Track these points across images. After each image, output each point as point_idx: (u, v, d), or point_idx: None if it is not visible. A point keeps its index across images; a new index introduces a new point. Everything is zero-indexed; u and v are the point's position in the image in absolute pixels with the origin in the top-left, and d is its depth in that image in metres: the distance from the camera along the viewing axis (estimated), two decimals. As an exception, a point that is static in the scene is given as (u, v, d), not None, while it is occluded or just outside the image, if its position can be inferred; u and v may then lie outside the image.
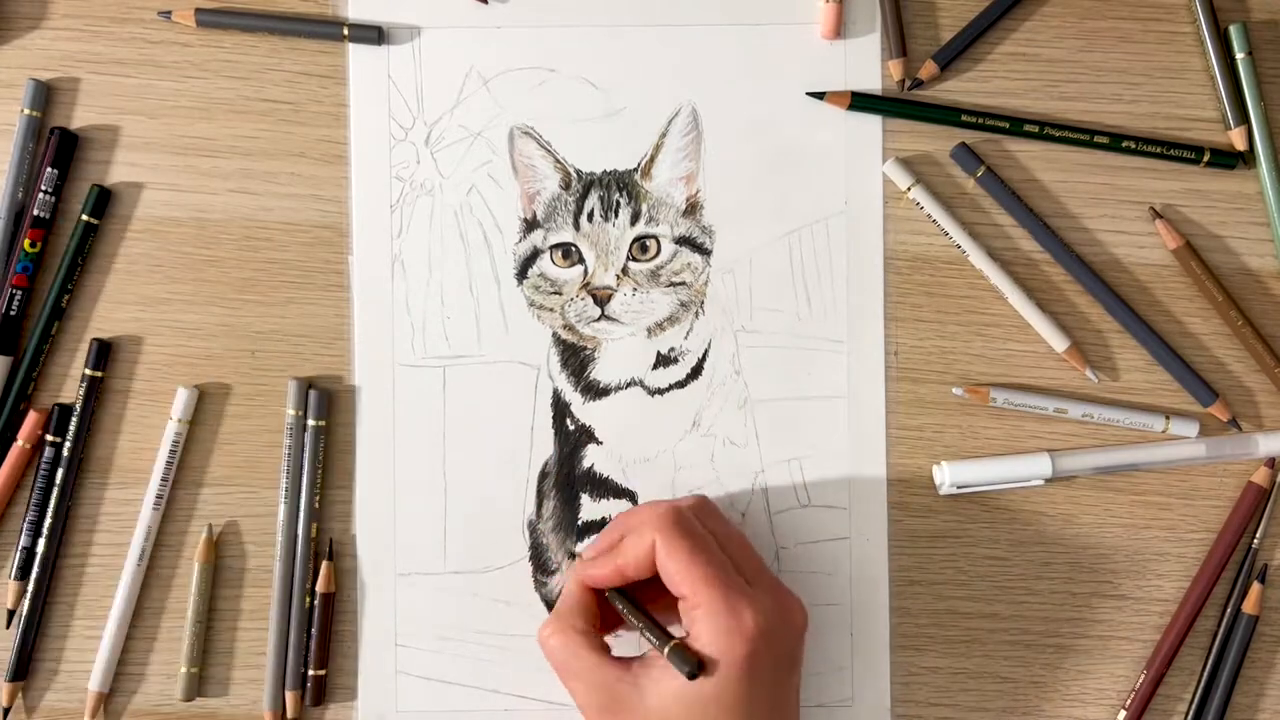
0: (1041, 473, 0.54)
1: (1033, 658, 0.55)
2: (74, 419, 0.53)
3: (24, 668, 0.54)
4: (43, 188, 0.53)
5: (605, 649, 0.47)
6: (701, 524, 0.48)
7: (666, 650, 0.44)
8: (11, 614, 0.54)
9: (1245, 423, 0.55)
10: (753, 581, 0.46)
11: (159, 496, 0.54)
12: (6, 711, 0.54)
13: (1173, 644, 0.54)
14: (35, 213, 0.53)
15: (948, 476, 0.54)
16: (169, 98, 0.55)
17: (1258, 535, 0.54)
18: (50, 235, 0.54)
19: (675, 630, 0.46)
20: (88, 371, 0.54)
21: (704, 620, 0.45)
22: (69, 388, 0.54)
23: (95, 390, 0.54)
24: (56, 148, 0.53)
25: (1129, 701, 0.54)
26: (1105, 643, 0.55)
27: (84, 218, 0.54)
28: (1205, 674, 0.54)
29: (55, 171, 0.53)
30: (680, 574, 0.45)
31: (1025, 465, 0.54)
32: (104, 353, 0.54)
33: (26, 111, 0.54)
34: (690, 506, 0.48)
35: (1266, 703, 0.55)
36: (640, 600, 0.48)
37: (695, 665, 0.44)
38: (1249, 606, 0.54)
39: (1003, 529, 0.55)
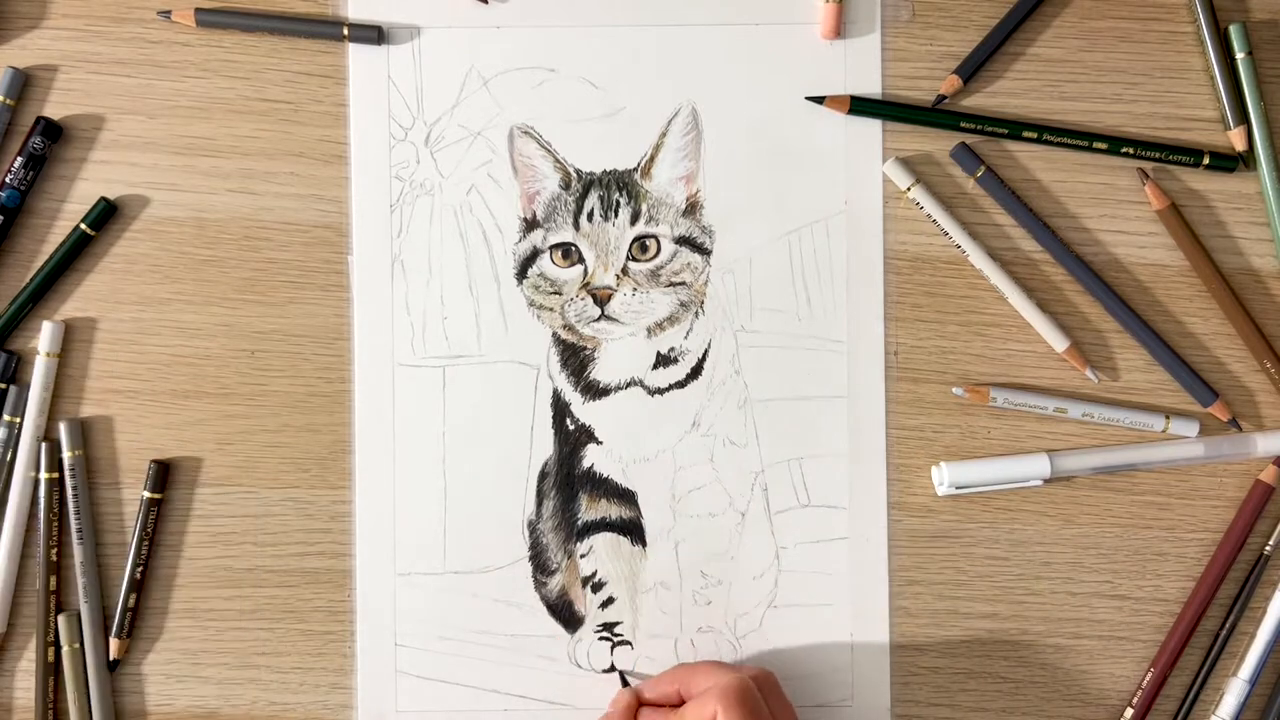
0: (1040, 473, 0.54)
1: (1033, 658, 0.55)
2: None
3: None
4: (11, 172, 0.53)
5: None
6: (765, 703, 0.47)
7: None
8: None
9: (1245, 423, 0.55)
10: None
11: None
12: None
13: (1179, 642, 0.54)
14: None
15: (945, 477, 0.54)
16: (169, 98, 0.55)
17: (1271, 541, 0.54)
18: (15, 224, 0.54)
19: None
20: (7, 417, 0.53)
21: None
22: (69, 386, 0.55)
23: (14, 437, 0.53)
24: (38, 135, 0.53)
25: (1135, 699, 0.54)
26: (1105, 643, 0.55)
27: (82, 227, 0.53)
28: (1205, 673, 0.54)
29: (22, 160, 0.53)
30: None
31: (1024, 466, 0.54)
32: (21, 402, 0.53)
33: (1, 99, 0.53)
34: (755, 679, 0.48)
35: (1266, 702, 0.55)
36: None
37: None
38: None
39: (1003, 529, 0.55)
